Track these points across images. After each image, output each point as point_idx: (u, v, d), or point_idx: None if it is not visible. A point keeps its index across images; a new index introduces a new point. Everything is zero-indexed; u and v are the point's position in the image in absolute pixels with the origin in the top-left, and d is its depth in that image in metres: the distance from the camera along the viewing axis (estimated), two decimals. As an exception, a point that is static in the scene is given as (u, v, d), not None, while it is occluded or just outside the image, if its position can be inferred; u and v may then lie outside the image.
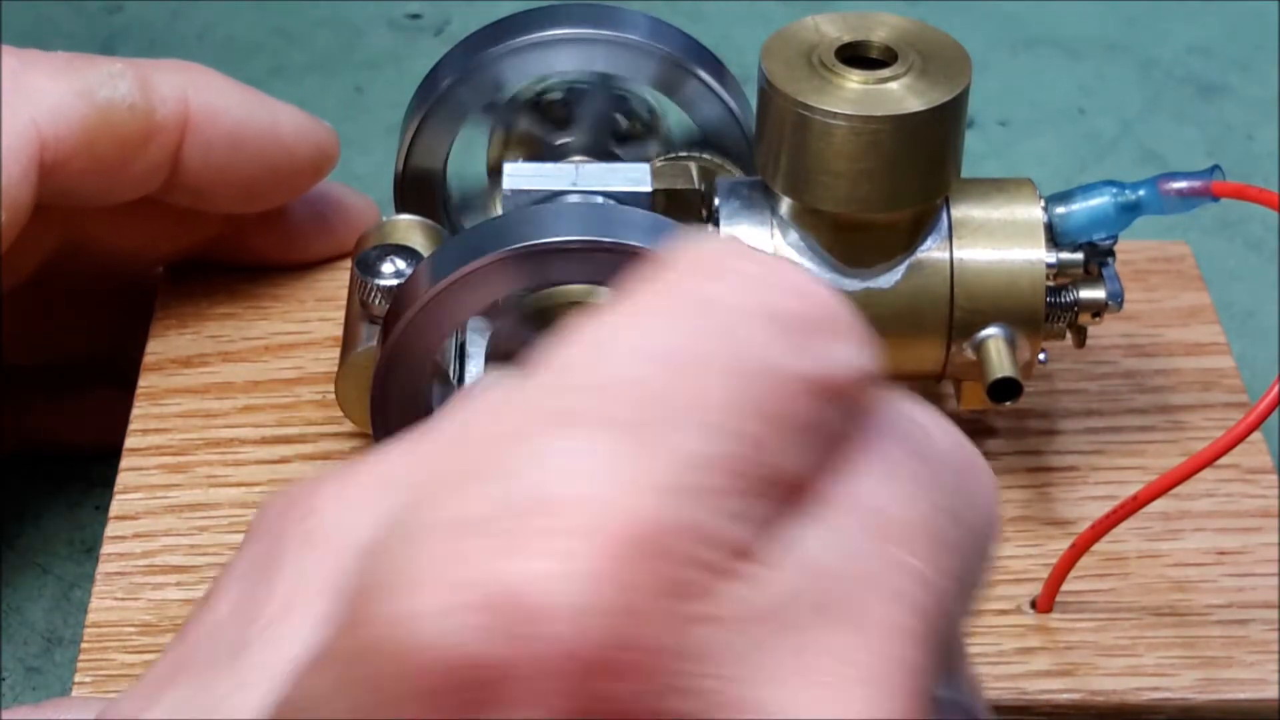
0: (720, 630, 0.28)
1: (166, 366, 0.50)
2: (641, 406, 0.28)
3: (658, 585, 0.27)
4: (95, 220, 0.49)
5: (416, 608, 0.27)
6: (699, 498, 0.28)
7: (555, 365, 0.29)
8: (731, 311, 0.29)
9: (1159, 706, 0.42)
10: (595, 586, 0.27)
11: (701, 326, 0.29)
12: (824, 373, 0.29)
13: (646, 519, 0.27)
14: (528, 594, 0.26)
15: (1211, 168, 0.45)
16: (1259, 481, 0.47)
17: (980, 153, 0.65)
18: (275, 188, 0.50)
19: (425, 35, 0.70)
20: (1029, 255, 0.45)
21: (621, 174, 0.47)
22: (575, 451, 0.28)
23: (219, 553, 0.45)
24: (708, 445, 0.28)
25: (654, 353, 0.29)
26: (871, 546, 0.29)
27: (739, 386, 0.29)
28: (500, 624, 0.26)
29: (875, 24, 0.45)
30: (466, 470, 0.28)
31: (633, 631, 0.27)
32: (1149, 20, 0.72)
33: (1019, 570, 0.45)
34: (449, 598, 0.27)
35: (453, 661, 0.26)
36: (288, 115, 0.50)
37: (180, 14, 0.71)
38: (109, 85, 0.46)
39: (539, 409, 0.28)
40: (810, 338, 0.29)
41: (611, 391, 0.28)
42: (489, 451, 0.28)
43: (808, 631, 0.28)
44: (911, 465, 0.30)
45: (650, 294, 0.29)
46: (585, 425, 0.28)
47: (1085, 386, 0.50)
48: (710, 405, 0.28)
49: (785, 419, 0.29)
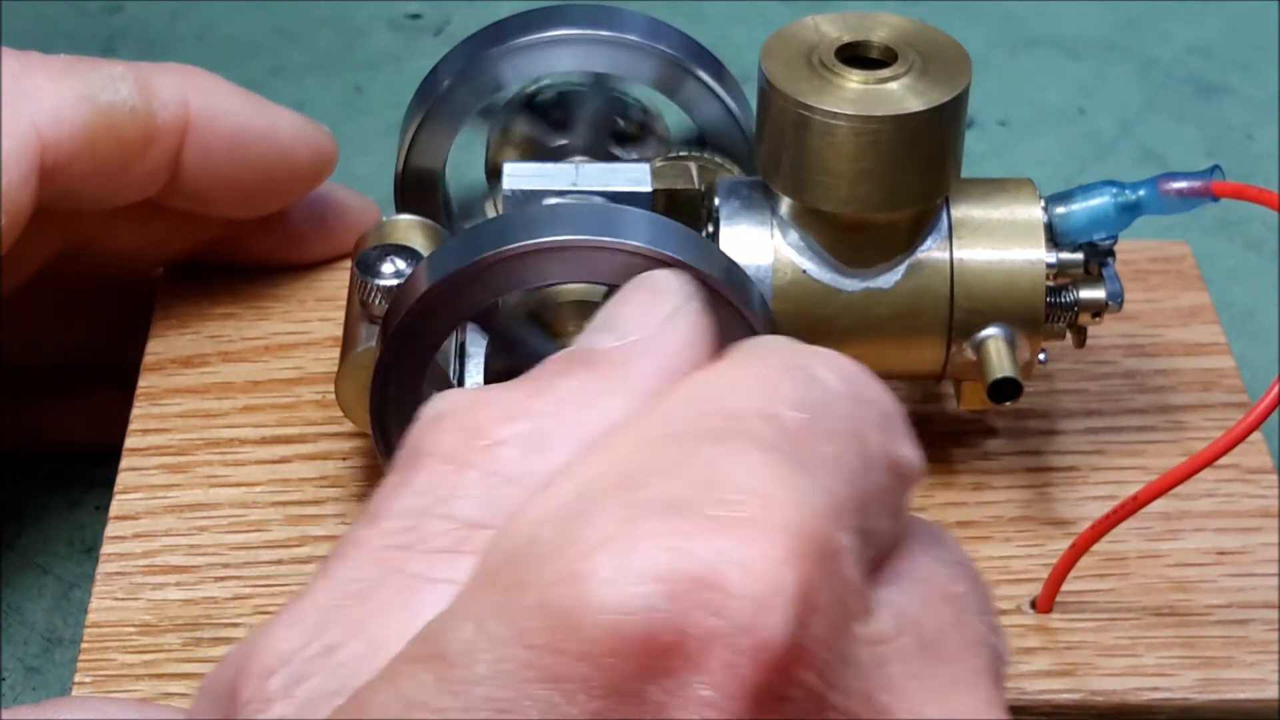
0: (866, 650, 0.30)
1: (166, 366, 0.50)
2: (795, 442, 0.31)
3: (831, 589, 0.29)
4: (95, 223, 0.50)
5: (606, 571, 0.28)
6: (848, 530, 0.30)
7: (691, 395, 0.31)
8: (839, 389, 0.32)
9: (1159, 706, 0.42)
10: (781, 576, 0.28)
11: (822, 394, 0.32)
12: (903, 461, 0.32)
13: (819, 528, 0.29)
14: (715, 573, 0.28)
15: (1211, 168, 0.45)
16: (1259, 481, 0.47)
17: (980, 153, 0.65)
18: (274, 192, 0.50)
19: (425, 35, 0.70)
20: (1029, 255, 0.45)
21: (621, 174, 0.47)
22: (754, 459, 0.30)
23: (219, 552, 0.45)
24: (848, 489, 0.31)
25: (798, 403, 0.31)
26: (943, 605, 0.32)
27: (858, 450, 0.31)
28: (686, 598, 0.28)
29: (875, 24, 0.45)
30: (661, 457, 0.30)
31: (813, 626, 0.29)
32: (1149, 20, 0.72)
33: (1019, 570, 0.45)
34: (639, 565, 0.28)
35: (634, 627, 0.28)
36: (287, 120, 0.50)
37: (180, 14, 0.71)
38: (110, 88, 0.46)
39: (721, 420, 0.31)
40: (894, 430, 0.33)
41: (775, 421, 0.31)
42: (681, 446, 0.30)
43: (919, 662, 0.31)
44: (947, 553, 0.34)
45: (770, 359, 0.32)
46: (757, 442, 0.30)
47: (1085, 386, 0.50)
48: (842, 459, 0.31)
49: (884, 491, 0.32)
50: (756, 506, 0.29)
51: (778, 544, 0.29)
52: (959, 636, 0.32)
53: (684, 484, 0.29)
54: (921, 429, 0.33)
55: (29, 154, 0.45)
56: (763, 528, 0.29)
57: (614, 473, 0.30)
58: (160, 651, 0.43)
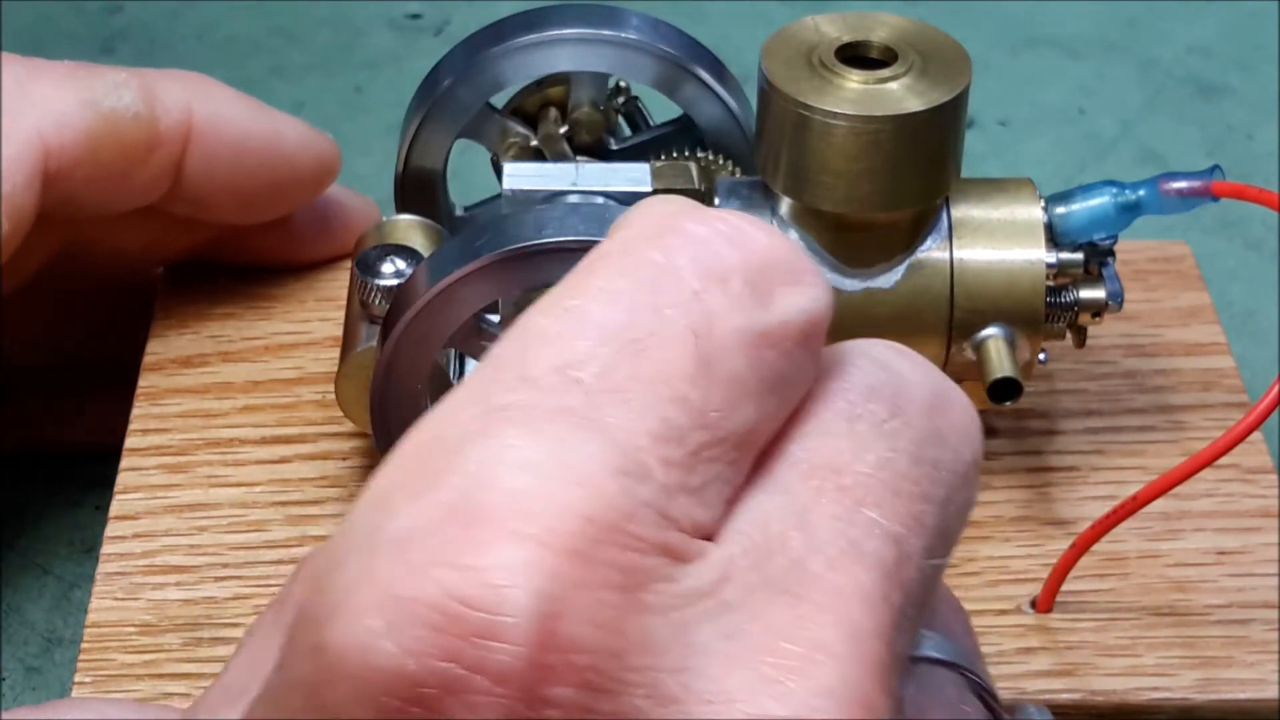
0: (661, 620, 0.27)
1: (166, 366, 0.50)
2: (586, 392, 0.28)
3: (595, 581, 0.27)
4: (95, 225, 0.50)
5: (364, 627, 0.26)
6: (644, 480, 0.27)
7: (497, 359, 0.29)
8: (675, 275, 0.29)
9: (1159, 706, 0.42)
10: (533, 590, 0.26)
11: (644, 299, 0.28)
12: (774, 323, 0.29)
13: (582, 513, 0.27)
14: (469, 603, 0.26)
15: (1211, 168, 0.45)
16: (1259, 481, 0.47)
17: (980, 153, 0.65)
18: (276, 199, 0.50)
19: (425, 35, 0.70)
20: (1029, 255, 0.45)
21: (621, 174, 0.47)
22: (512, 448, 0.27)
23: (219, 552, 0.45)
24: (655, 421, 0.28)
25: (597, 334, 0.28)
26: (826, 507, 0.28)
27: (684, 353, 0.28)
28: (444, 637, 0.26)
29: (875, 24, 0.45)
30: (408, 481, 0.27)
31: (571, 633, 0.26)
32: (1149, 20, 0.72)
33: (1019, 570, 0.45)
34: (394, 614, 0.26)
35: (403, 678, 0.26)
36: (291, 127, 0.50)
37: (180, 14, 0.71)
38: (113, 95, 0.46)
39: (482, 408, 0.28)
40: (758, 290, 0.29)
41: (551, 381, 0.28)
42: (432, 459, 0.28)
43: (743, 610, 0.27)
44: (875, 412, 0.30)
45: (594, 273, 0.29)
46: (526, 421, 0.27)
47: (1085, 386, 0.50)
48: (656, 377, 0.28)
49: (736, 379, 0.28)
50: (507, 514, 0.27)
51: (521, 556, 0.26)
52: (836, 543, 0.28)
53: (431, 504, 0.27)
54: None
55: (32, 160, 0.45)
56: (507, 542, 0.26)
57: (372, 497, 0.28)
58: (160, 651, 0.43)
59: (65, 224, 0.49)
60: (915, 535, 0.29)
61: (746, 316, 0.29)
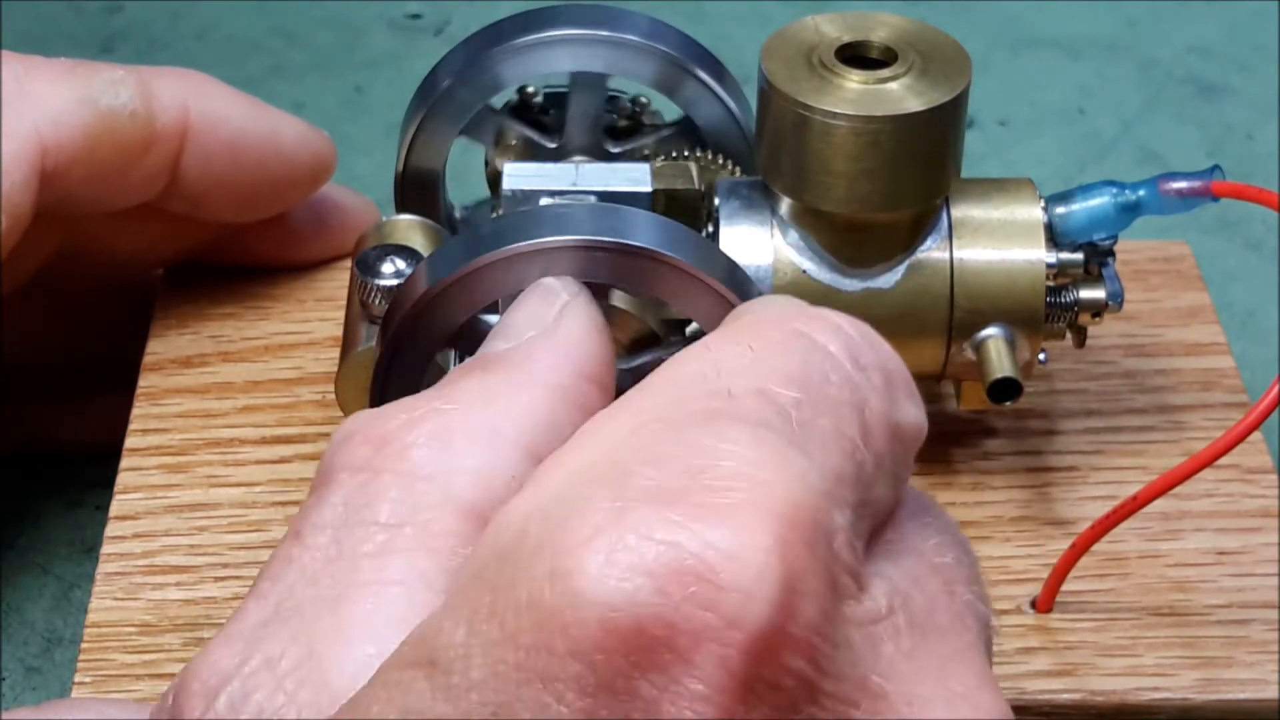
0: (856, 629, 0.30)
1: (166, 366, 0.50)
2: (787, 421, 0.30)
3: (821, 573, 0.29)
4: (94, 225, 0.50)
5: (593, 566, 0.28)
6: (841, 509, 0.30)
7: (685, 375, 0.31)
8: (829, 352, 0.32)
9: (1159, 706, 0.42)
10: (769, 564, 0.28)
11: (814, 361, 0.32)
12: (905, 425, 0.32)
13: (811, 509, 0.29)
14: (702, 564, 0.28)
15: (1211, 168, 0.45)
16: (1259, 481, 0.47)
17: (980, 153, 0.65)
18: (273, 197, 0.50)
19: (425, 35, 0.70)
20: (1029, 255, 0.45)
21: (621, 174, 0.47)
22: (745, 441, 0.29)
23: (219, 552, 0.45)
24: (841, 465, 0.30)
25: (783, 378, 0.31)
26: (932, 576, 0.32)
27: (854, 418, 0.31)
28: (673, 591, 0.28)
29: (875, 24, 0.45)
30: (642, 446, 0.30)
31: (802, 613, 0.28)
32: (1149, 20, 0.72)
33: (1019, 570, 0.45)
34: (626, 559, 0.28)
35: (622, 622, 0.28)
36: (288, 125, 0.50)
37: (180, 14, 0.71)
38: (111, 92, 0.46)
39: (696, 406, 0.30)
40: (896, 392, 0.32)
41: (755, 402, 0.30)
42: (660, 435, 0.30)
43: (911, 639, 0.31)
44: (935, 521, 0.33)
45: (747, 329, 0.32)
46: (744, 425, 0.30)
47: (1085, 386, 0.50)
48: (837, 431, 0.31)
49: (880, 456, 0.32)
50: (745, 491, 0.29)
51: (767, 530, 0.28)
52: (949, 609, 0.32)
53: (672, 471, 0.29)
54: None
55: (30, 157, 0.45)
56: (751, 514, 0.29)
57: (602, 461, 0.30)
58: (160, 651, 0.43)
59: (63, 223, 0.49)
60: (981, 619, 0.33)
61: (889, 407, 0.32)
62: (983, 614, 0.33)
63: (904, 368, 0.33)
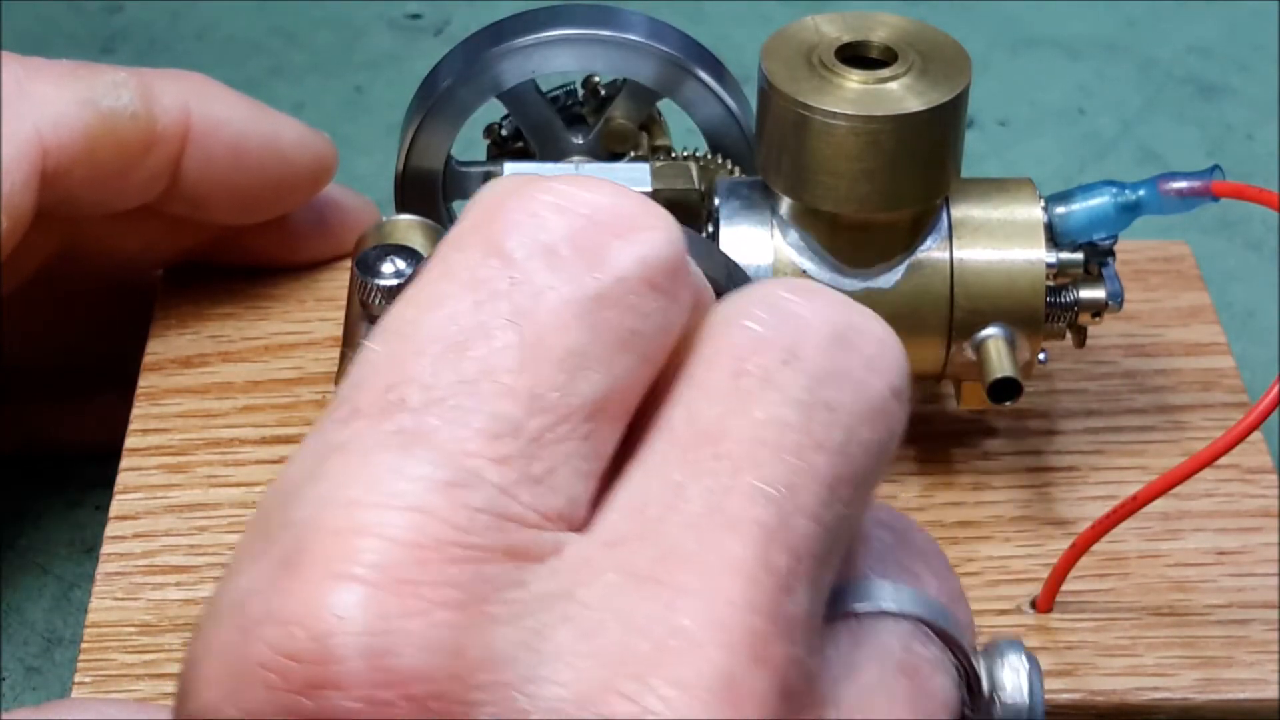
0: (509, 630, 0.26)
1: (166, 366, 0.50)
2: (411, 410, 0.27)
3: (427, 605, 0.26)
4: (94, 226, 0.50)
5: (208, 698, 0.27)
6: (475, 486, 0.27)
7: (336, 397, 0.28)
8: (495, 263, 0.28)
9: (1159, 706, 0.42)
10: (357, 630, 0.26)
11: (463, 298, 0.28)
12: (608, 281, 0.28)
13: (406, 539, 0.26)
14: (298, 656, 0.26)
15: (1211, 168, 0.45)
16: (1259, 481, 0.47)
17: (980, 153, 0.65)
18: (273, 199, 0.50)
19: (425, 35, 0.70)
20: (1029, 255, 0.45)
21: (621, 174, 0.47)
22: (340, 488, 0.27)
23: (219, 552, 0.45)
24: (484, 420, 0.27)
25: (418, 347, 0.28)
26: (702, 480, 0.28)
27: (505, 343, 0.28)
28: (280, 694, 0.26)
29: (875, 24, 0.45)
30: (250, 541, 0.27)
31: (404, 665, 0.26)
32: (1149, 20, 0.72)
33: (1019, 570, 0.45)
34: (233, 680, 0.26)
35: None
36: (289, 127, 0.50)
37: (180, 14, 0.71)
38: (112, 94, 0.46)
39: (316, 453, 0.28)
40: (587, 252, 0.28)
41: (378, 407, 0.27)
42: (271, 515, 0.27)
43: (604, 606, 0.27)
44: (762, 364, 0.29)
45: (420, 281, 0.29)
46: (356, 454, 0.27)
47: (1085, 386, 0.50)
48: (479, 375, 0.27)
49: (573, 351, 0.28)
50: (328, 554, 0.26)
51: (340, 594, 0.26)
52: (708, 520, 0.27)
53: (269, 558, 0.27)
54: (921, 429, 0.33)
55: (31, 159, 0.45)
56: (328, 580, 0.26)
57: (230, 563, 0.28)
58: (160, 651, 0.43)
59: (64, 223, 0.49)
60: (804, 489, 0.28)
61: (574, 284, 0.28)
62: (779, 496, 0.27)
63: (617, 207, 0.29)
